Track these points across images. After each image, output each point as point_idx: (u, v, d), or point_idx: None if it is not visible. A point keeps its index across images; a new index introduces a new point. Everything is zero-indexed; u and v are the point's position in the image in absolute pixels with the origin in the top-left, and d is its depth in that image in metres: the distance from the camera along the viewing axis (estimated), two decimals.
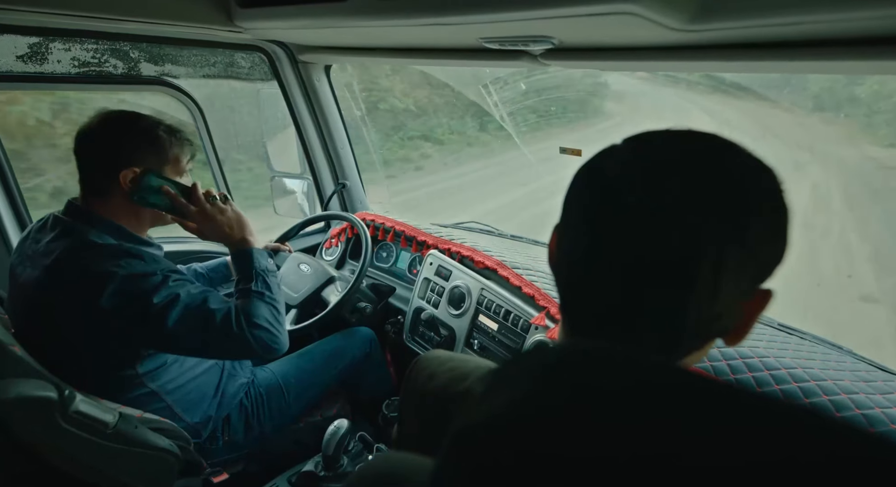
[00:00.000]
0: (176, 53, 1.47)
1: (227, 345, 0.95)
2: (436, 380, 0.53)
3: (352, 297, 1.31)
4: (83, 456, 0.81)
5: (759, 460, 0.16)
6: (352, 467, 1.11)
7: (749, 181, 0.34)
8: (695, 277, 0.33)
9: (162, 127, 0.97)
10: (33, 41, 1.19)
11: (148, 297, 0.88)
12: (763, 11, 0.58)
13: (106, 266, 0.87)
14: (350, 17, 0.89)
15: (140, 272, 0.89)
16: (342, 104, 1.66)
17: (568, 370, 0.20)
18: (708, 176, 0.34)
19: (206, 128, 1.50)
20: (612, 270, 0.35)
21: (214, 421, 1.10)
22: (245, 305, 0.97)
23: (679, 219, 0.33)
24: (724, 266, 0.33)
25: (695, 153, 0.35)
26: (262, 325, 0.96)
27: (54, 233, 0.92)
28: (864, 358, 0.93)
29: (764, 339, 0.92)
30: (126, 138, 0.94)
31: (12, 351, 0.74)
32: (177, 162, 0.99)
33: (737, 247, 0.33)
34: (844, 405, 0.73)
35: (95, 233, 0.92)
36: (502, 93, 2.48)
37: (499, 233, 1.60)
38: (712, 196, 0.33)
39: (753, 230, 0.33)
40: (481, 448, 0.18)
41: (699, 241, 0.32)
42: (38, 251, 0.92)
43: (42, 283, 0.89)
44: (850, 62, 0.66)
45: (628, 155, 0.37)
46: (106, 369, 0.94)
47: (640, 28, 0.67)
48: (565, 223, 0.39)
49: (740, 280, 0.34)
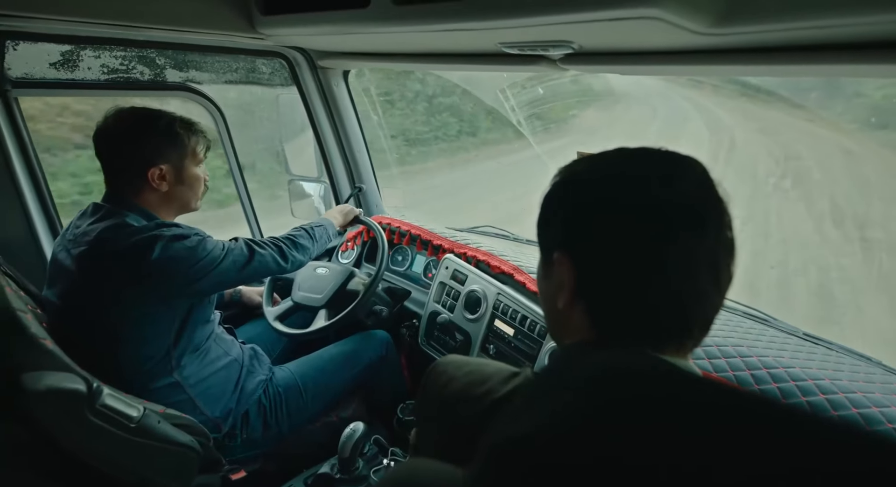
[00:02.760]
0: (199, 60, 1.51)
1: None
2: (454, 384, 0.53)
3: (369, 299, 1.32)
4: (107, 450, 0.83)
5: (805, 469, 0.15)
6: (367, 470, 1.11)
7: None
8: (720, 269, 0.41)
9: (178, 122, 1.03)
10: (65, 49, 1.23)
11: (197, 246, 0.99)
12: (787, 14, 0.57)
13: (150, 234, 0.96)
14: (370, 23, 0.90)
15: (183, 233, 0.99)
16: (359, 108, 1.69)
17: (612, 383, 0.20)
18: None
19: (228, 132, 1.53)
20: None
21: (234, 416, 1.12)
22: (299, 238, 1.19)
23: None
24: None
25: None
26: (296, 258, 1.17)
27: (96, 217, 0.99)
28: (894, 369, 0.90)
29: (789, 349, 0.90)
30: (147, 137, 1.00)
31: (44, 344, 0.76)
32: (194, 154, 1.06)
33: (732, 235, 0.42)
34: (875, 419, 0.71)
35: (133, 216, 0.99)
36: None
37: (514, 238, 1.59)
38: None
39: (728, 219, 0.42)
40: (526, 458, 0.18)
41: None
42: (79, 233, 0.98)
43: (88, 255, 0.95)
44: (878, 66, 0.64)
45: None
46: (139, 351, 0.99)
47: (661, 32, 0.66)
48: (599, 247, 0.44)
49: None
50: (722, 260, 0.42)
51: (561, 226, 0.45)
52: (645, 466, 0.16)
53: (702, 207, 0.41)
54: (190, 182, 1.06)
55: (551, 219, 0.47)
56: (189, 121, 1.06)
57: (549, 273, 0.47)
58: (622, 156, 0.46)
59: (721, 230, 0.42)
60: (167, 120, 1.02)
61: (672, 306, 0.42)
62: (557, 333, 0.50)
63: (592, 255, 0.43)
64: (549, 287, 0.47)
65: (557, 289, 0.45)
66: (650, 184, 0.41)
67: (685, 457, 0.16)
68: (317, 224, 1.28)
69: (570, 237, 0.44)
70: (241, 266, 1.06)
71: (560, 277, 0.44)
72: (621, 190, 0.42)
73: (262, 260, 1.10)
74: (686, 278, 0.41)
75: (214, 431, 1.06)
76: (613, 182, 0.43)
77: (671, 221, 0.40)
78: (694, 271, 0.41)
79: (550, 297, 0.47)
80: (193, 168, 1.06)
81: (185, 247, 0.98)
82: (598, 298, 0.43)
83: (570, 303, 0.44)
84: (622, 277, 0.42)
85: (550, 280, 0.46)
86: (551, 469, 0.18)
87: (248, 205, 1.63)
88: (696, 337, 0.44)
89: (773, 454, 0.16)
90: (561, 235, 0.45)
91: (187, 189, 1.07)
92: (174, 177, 1.04)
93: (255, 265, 1.08)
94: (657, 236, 0.40)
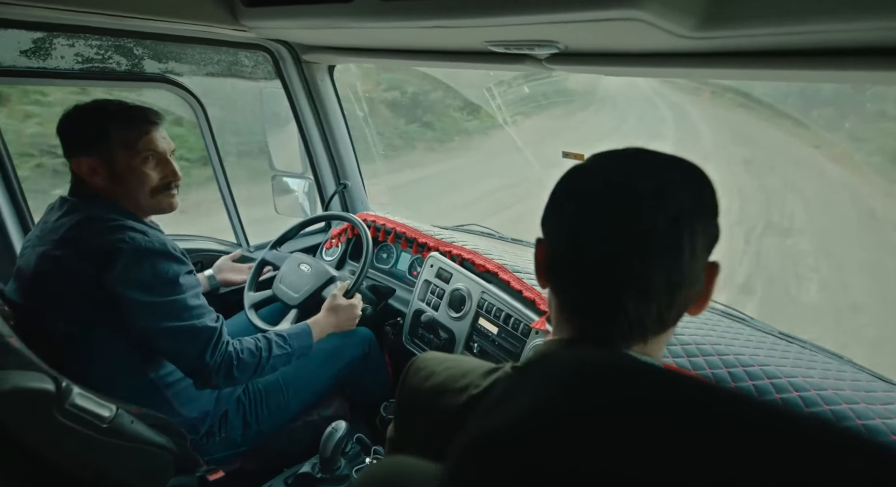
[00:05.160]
0: (179, 51, 1.47)
1: (189, 347, 0.96)
2: (433, 379, 0.53)
3: (361, 285, 1.31)
4: (77, 451, 0.81)
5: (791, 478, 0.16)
6: (349, 469, 1.11)
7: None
8: (683, 248, 0.42)
9: (107, 110, 0.96)
10: (37, 37, 1.19)
11: (150, 273, 0.91)
12: (770, 19, 0.58)
13: (113, 240, 0.90)
14: (355, 18, 0.89)
15: (145, 247, 0.92)
16: (345, 104, 1.67)
17: (587, 381, 0.20)
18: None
19: (209, 125, 1.49)
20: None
21: (212, 417, 1.09)
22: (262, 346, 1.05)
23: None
24: (696, 236, 0.42)
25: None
26: (246, 364, 1.01)
27: (62, 211, 0.95)
28: (864, 367, 0.92)
29: (765, 348, 0.92)
30: (70, 127, 0.95)
31: (9, 342, 0.74)
32: (126, 146, 0.96)
33: (701, 223, 0.42)
34: (845, 415, 0.73)
35: (101, 209, 0.94)
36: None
37: (500, 236, 1.60)
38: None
39: (708, 207, 0.44)
40: (498, 456, 0.18)
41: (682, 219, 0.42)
42: (47, 229, 0.94)
43: (51, 256, 0.90)
44: (860, 71, 0.66)
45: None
46: (105, 353, 0.95)
47: (645, 34, 0.67)
48: (559, 232, 0.47)
49: (705, 249, 0.44)
50: (688, 254, 0.43)
51: (545, 211, 0.49)
52: (614, 464, 0.17)
53: (671, 196, 0.42)
54: (126, 176, 0.96)
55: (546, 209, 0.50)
56: (128, 108, 0.97)
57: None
58: (615, 153, 0.48)
59: (698, 223, 0.43)
60: (93, 107, 0.95)
61: (632, 301, 0.43)
62: (552, 324, 0.52)
63: (555, 237, 0.47)
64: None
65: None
66: (616, 174, 0.44)
67: (654, 454, 0.17)
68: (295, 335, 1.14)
69: (546, 220, 0.48)
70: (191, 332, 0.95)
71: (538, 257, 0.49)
72: (593, 177, 0.46)
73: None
74: (643, 269, 0.42)
75: (192, 431, 1.03)
76: (591, 171, 0.46)
77: (638, 207, 0.42)
78: (650, 262, 0.42)
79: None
80: (131, 161, 0.95)
81: (151, 273, 0.91)
82: (560, 283, 0.48)
83: (550, 291, 0.49)
84: (579, 266, 0.45)
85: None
86: (522, 466, 0.18)
87: (230, 199, 1.60)
88: (652, 331, 0.45)
89: (742, 450, 0.16)
90: (543, 219, 0.49)
91: (127, 184, 0.96)
92: (106, 172, 0.95)
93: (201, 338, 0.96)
94: (621, 219, 0.42)
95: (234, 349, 1.00)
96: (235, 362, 0.99)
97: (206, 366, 0.96)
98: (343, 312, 1.24)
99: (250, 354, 1.02)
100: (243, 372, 1.01)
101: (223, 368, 0.98)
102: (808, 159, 3.51)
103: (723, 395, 0.19)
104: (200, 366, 0.96)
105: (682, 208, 0.42)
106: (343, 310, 1.24)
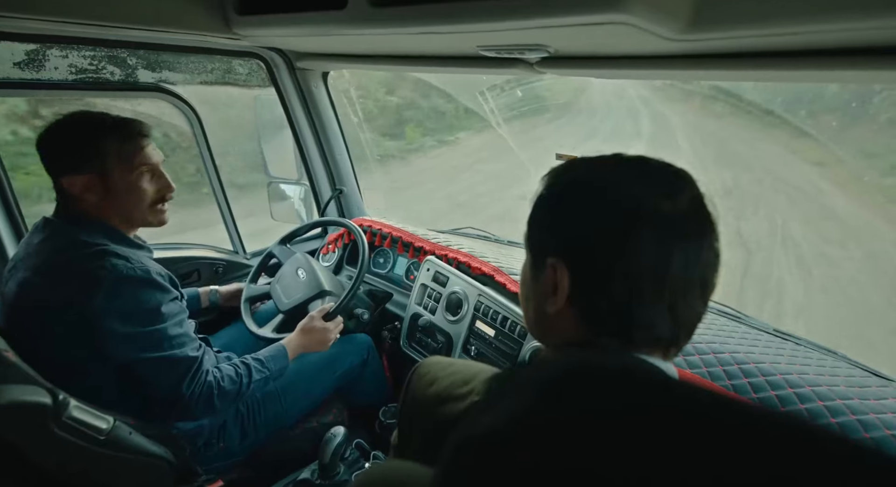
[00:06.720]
0: (173, 60, 1.47)
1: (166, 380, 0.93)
2: (437, 385, 0.53)
3: (348, 304, 1.30)
4: (76, 464, 0.80)
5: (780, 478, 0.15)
6: (348, 475, 1.10)
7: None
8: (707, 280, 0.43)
9: (99, 125, 0.92)
10: (30, 48, 1.19)
11: (131, 303, 0.89)
12: (755, 21, 0.59)
13: (93, 267, 0.87)
14: (348, 25, 0.89)
15: (126, 275, 0.88)
16: (339, 110, 1.67)
17: (572, 386, 0.20)
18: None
19: (204, 134, 1.49)
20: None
21: (210, 428, 1.08)
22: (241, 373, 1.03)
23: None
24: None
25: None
26: (227, 391, 0.99)
27: (45, 235, 0.92)
28: (858, 363, 0.93)
29: (759, 345, 0.93)
30: (56, 144, 0.90)
31: (5, 356, 0.74)
32: (121, 160, 0.93)
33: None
34: (839, 410, 0.74)
35: (85, 233, 0.91)
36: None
37: (495, 239, 1.60)
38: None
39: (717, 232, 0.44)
40: (484, 459, 0.18)
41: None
42: (30, 253, 0.92)
43: (32, 283, 0.88)
44: (849, 71, 0.67)
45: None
46: (96, 372, 0.93)
47: (634, 37, 0.68)
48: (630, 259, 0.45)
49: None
50: (710, 272, 0.44)
51: (557, 231, 0.45)
52: (598, 467, 0.16)
53: (697, 220, 0.43)
54: (122, 193, 0.93)
55: (545, 223, 0.47)
56: (123, 121, 0.94)
57: (538, 276, 0.47)
58: (620, 163, 0.46)
59: (711, 242, 0.43)
60: (82, 121, 0.91)
61: (665, 316, 0.42)
62: (540, 333, 0.50)
63: (590, 264, 0.43)
64: (537, 289, 0.47)
65: (548, 294, 0.45)
66: (651, 196, 0.42)
67: (639, 461, 0.16)
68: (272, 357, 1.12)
69: (567, 243, 0.44)
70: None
71: (553, 283, 0.44)
72: (622, 200, 0.42)
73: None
74: (679, 288, 0.42)
75: (190, 442, 1.03)
76: (614, 191, 0.43)
77: (670, 233, 0.41)
78: (688, 282, 0.42)
79: (538, 300, 0.47)
80: (128, 176, 0.93)
81: (133, 302, 0.88)
82: (593, 306, 0.43)
83: (564, 309, 0.44)
84: (619, 287, 0.42)
85: (539, 282, 0.46)
86: (505, 469, 0.18)
87: (226, 208, 1.60)
88: (680, 345, 0.45)
89: (740, 459, 0.16)
90: (557, 241, 0.45)
91: (122, 201, 0.94)
92: (101, 189, 0.92)
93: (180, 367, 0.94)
94: (656, 247, 0.41)
95: (215, 378, 0.98)
96: (216, 391, 0.97)
97: (183, 397, 0.93)
98: (315, 335, 1.20)
99: (231, 381, 1.00)
100: (224, 400, 0.99)
101: (203, 398, 0.95)
102: (806, 186, 2.76)
103: (720, 400, 0.18)
104: (177, 396, 0.93)
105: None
106: (316, 333, 1.20)
